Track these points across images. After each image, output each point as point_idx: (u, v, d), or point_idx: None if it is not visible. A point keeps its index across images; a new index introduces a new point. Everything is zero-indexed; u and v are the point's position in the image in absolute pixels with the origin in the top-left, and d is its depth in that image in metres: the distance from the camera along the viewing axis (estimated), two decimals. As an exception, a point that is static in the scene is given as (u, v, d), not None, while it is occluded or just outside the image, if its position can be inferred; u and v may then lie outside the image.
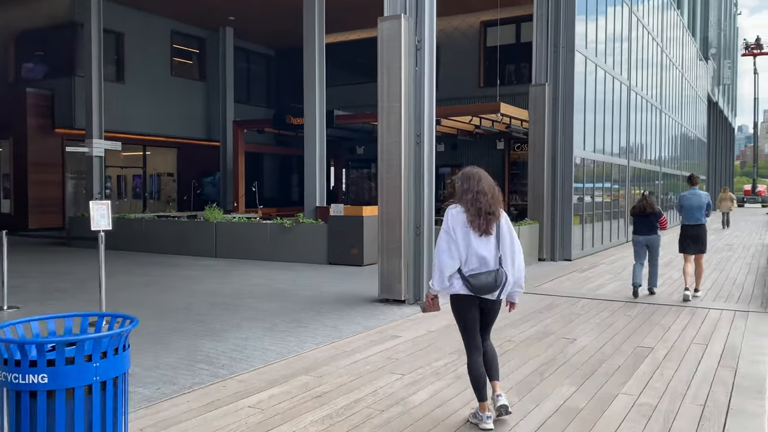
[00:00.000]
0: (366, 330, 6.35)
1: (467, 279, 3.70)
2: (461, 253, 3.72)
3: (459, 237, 3.73)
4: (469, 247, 3.72)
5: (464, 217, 3.76)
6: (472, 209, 3.75)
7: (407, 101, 7.62)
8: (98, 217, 6.34)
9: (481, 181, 3.83)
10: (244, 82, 25.85)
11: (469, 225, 3.74)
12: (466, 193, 3.80)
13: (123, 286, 9.08)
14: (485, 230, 3.74)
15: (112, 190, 24.58)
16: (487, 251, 3.73)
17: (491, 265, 3.73)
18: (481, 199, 3.75)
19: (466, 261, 3.72)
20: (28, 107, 19.80)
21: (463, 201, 3.80)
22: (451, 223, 3.77)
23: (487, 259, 3.73)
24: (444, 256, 3.73)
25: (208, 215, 13.32)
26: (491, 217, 3.76)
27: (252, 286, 9.17)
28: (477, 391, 3.80)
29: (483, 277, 3.70)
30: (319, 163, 14.89)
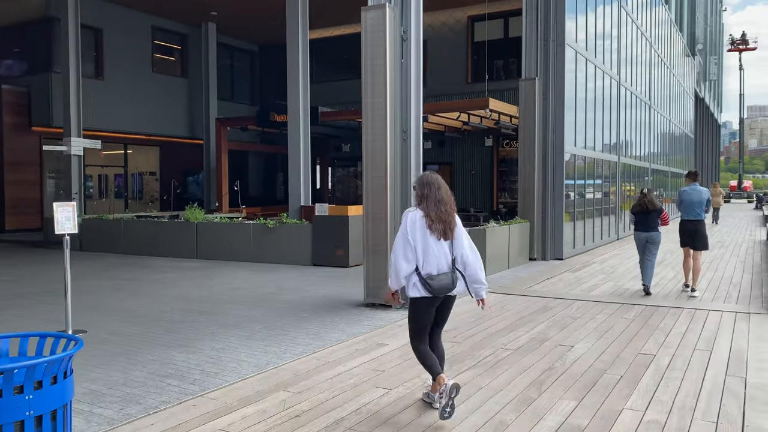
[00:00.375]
0: (350, 338, 5.97)
1: (426, 281, 3.87)
2: (419, 256, 3.89)
3: (418, 241, 3.89)
4: (428, 251, 3.89)
5: (424, 221, 3.91)
6: (433, 215, 3.91)
7: (393, 95, 7.24)
8: (63, 220, 5.92)
9: (441, 189, 3.98)
10: (228, 79, 25.33)
11: (428, 229, 3.89)
12: (426, 199, 3.95)
13: (92, 290, 8.62)
14: (444, 235, 3.92)
15: (94, 190, 24.06)
16: (444, 255, 3.93)
17: (446, 268, 3.92)
18: (441, 207, 3.93)
19: (425, 264, 3.89)
20: (4, 104, 19.20)
21: (422, 206, 3.95)
22: (410, 227, 3.91)
23: (444, 262, 3.92)
24: (400, 259, 3.90)
25: (189, 215, 12.87)
26: (449, 224, 3.94)
27: (232, 289, 8.76)
28: (429, 367, 3.99)
29: (441, 279, 3.88)
30: (304, 161, 14.47)
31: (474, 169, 20.22)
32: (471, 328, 6.38)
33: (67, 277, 6.07)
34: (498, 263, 10.54)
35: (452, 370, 4.96)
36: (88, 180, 23.86)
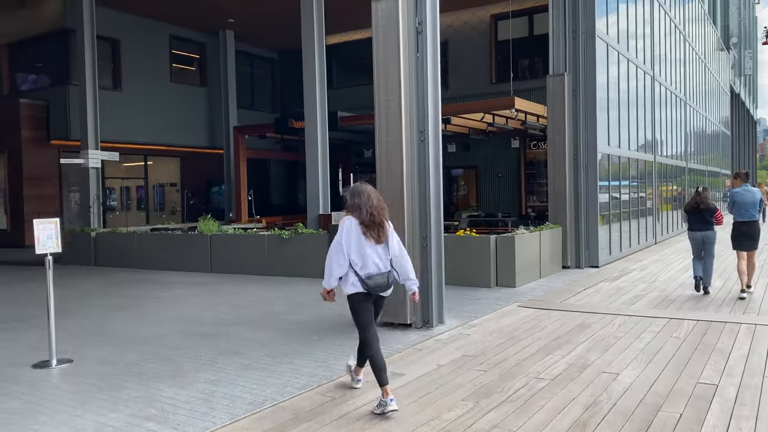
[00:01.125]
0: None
1: (364, 281, 4.24)
2: (357, 260, 4.23)
3: (353, 245, 4.23)
4: (365, 254, 4.24)
5: (360, 228, 4.23)
6: (367, 221, 4.24)
7: (408, 93, 6.56)
8: (44, 239, 5.37)
9: (371, 197, 4.29)
10: (248, 87, 24.98)
11: (363, 236, 4.23)
12: (359, 208, 4.25)
13: (93, 310, 8.10)
14: (378, 239, 4.27)
15: (116, 202, 23.87)
16: (379, 257, 4.29)
17: (383, 269, 4.30)
18: (374, 213, 4.25)
19: (363, 266, 4.25)
20: (22, 119, 19.03)
21: (356, 214, 4.26)
22: (345, 235, 4.24)
23: (379, 264, 4.29)
24: (333, 263, 4.28)
25: (202, 227, 12.34)
26: (382, 229, 4.28)
27: (239, 308, 8.15)
28: (379, 375, 4.19)
29: (377, 278, 4.26)
30: (322, 167, 13.88)
31: (500, 173, 19.41)
32: (500, 352, 5.65)
33: (50, 302, 5.51)
34: (528, 273, 9.76)
35: (479, 406, 4.24)
36: (110, 192, 23.75)
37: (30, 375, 5.12)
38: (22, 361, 5.57)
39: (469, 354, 5.58)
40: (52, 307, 5.49)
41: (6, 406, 4.39)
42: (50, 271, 5.44)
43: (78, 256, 14.19)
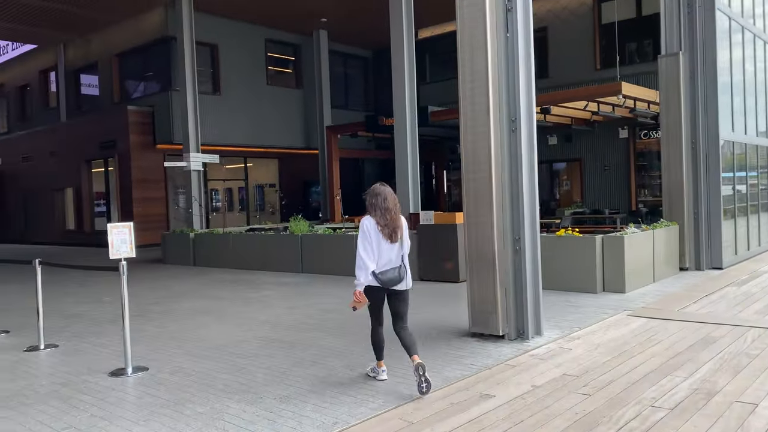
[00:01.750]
0: (447, 384, 4.73)
1: (377, 276, 4.55)
2: (375, 254, 4.56)
3: (373, 241, 4.56)
4: (381, 251, 4.59)
5: (377, 227, 4.57)
6: (382, 222, 4.57)
7: (496, 78, 5.91)
8: (118, 243, 5.23)
9: (387, 199, 4.61)
10: (342, 87, 24.99)
11: (380, 234, 4.56)
12: (375, 208, 4.59)
13: (181, 313, 8.06)
14: (391, 238, 4.58)
15: (221, 203, 24.67)
16: (393, 253, 4.62)
17: (395, 263, 4.61)
18: (387, 216, 4.58)
19: (378, 261, 4.57)
20: (130, 125, 20.00)
21: (373, 214, 4.60)
22: (367, 230, 4.58)
23: (392, 259, 4.61)
24: (365, 256, 4.56)
25: (293, 228, 12.24)
26: (396, 228, 4.60)
27: (324, 312, 7.82)
28: (377, 352, 4.82)
29: (389, 273, 4.57)
30: (412, 165, 13.42)
31: (607, 165, 18.06)
32: (606, 372, 4.89)
33: (125, 309, 5.38)
34: (640, 276, 8.75)
35: (580, 442, 3.57)
36: (215, 194, 24.58)
37: (104, 384, 5.00)
38: (104, 367, 5.49)
39: (570, 373, 4.87)
40: (126, 315, 5.36)
41: (71, 420, 4.23)
42: (124, 276, 5.30)
43: (178, 257, 14.59)
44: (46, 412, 4.36)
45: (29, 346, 6.36)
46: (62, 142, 22.89)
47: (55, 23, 21.40)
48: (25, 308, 8.80)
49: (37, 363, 5.77)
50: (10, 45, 26.61)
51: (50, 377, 5.25)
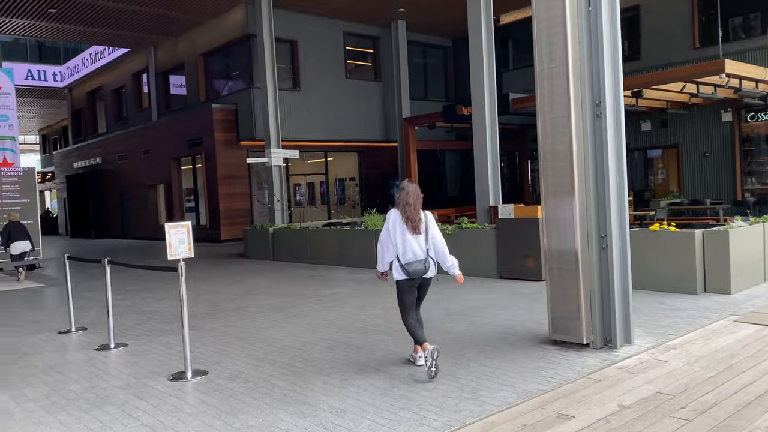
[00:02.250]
0: (521, 400, 4.24)
1: (404, 267, 4.88)
2: (399, 247, 4.89)
3: (398, 234, 4.90)
4: (405, 243, 4.89)
5: (402, 219, 4.91)
6: (403, 215, 4.93)
7: (577, 57, 5.30)
8: (176, 243, 5.08)
9: (409, 195, 4.96)
10: (421, 78, 24.55)
11: (404, 225, 4.90)
12: (399, 202, 4.97)
13: (251, 312, 7.94)
14: (414, 230, 4.92)
15: (303, 198, 24.94)
16: (418, 245, 4.93)
17: (421, 256, 4.93)
18: (408, 210, 4.93)
19: (404, 253, 4.89)
20: (215, 123, 20.48)
21: (399, 208, 4.96)
22: (392, 224, 4.94)
23: (417, 251, 4.92)
24: (384, 249, 5.01)
25: (368, 222, 11.98)
26: (417, 222, 4.93)
27: (394, 311, 7.46)
28: (415, 336, 4.98)
29: (415, 265, 4.89)
30: (491, 155, 12.80)
31: (708, 152, 16.61)
32: (710, 391, 4.23)
33: (184, 311, 5.24)
34: (748, 275, 7.80)
35: (676, 482, 3.00)
36: (298, 188, 24.87)
37: (161, 389, 4.87)
38: (166, 370, 5.39)
39: (665, 391, 4.25)
40: (185, 317, 5.21)
41: (120, 430, 4.09)
42: (182, 277, 5.15)
43: (258, 251, 14.73)
44: (99, 419, 4.26)
45: (100, 345, 6.41)
46: (154, 141, 23.85)
47: (147, 27, 22.28)
48: (107, 304, 9.04)
49: (104, 363, 5.77)
50: (106, 50, 28.03)
51: (112, 379, 5.20)
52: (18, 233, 13.06)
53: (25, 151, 54.62)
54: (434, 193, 23.46)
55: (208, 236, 21.18)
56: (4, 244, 12.87)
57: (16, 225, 13.24)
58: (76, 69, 31.35)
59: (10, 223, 13.26)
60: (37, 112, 39.43)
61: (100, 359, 5.93)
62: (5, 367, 5.80)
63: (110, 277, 6.49)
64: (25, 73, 31.55)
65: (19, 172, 15.83)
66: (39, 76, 32.14)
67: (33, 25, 21.70)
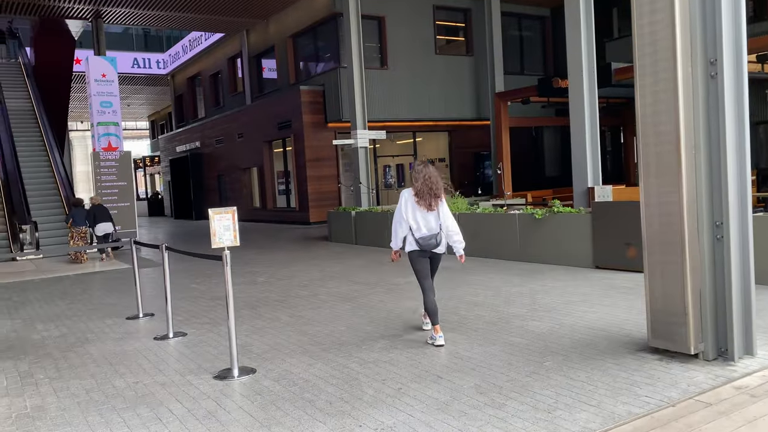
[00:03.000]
0: (607, 427, 3.45)
1: (418, 241, 5.29)
2: (413, 223, 5.28)
3: (410, 212, 5.29)
4: (418, 219, 5.29)
5: (413, 198, 5.27)
6: (419, 194, 5.25)
7: (686, 6, 4.32)
8: (221, 230, 4.67)
9: (427, 175, 5.26)
10: (516, 51, 23.26)
11: (417, 204, 5.26)
12: (417, 181, 5.27)
13: (320, 301, 7.50)
14: (429, 207, 5.26)
15: (393, 180, 24.53)
16: (432, 221, 5.29)
17: (434, 230, 5.29)
18: (425, 189, 5.23)
19: (418, 228, 5.29)
20: (303, 105, 20.37)
21: (414, 187, 5.29)
22: (404, 202, 5.33)
23: (432, 226, 5.29)
24: (397, 227, 5.41)
25: (451, 207, 11.24)
26: (433, 199, 5.26)
27: (470, 305, 6.77)
28: (433, 317, 5.34)
29: (428, 239, 5.27)
30: (590, 131, 11.65)
31: None
32: None
33: (230, 305, 4.82)
34: None
35: None
36: (387, 170, 24.47)
37: (202, 389, 4.50)
38: (214, 366, 5.03)
39: (798, 426, 3.32)
40: (231, 311, 4.80)
41: (150, 433, 3.73)
42: (227, 267, 4.74)
43: (341, 235, 14.41)
44: (128, 422, 3.92)
45: (160, 335, 6.19)
46: (247, 125, 24.20)
47: (238, 10, 22.50)
48: (187, 289, 8.95)
49: (156, 355, 5.51)
50: (203, 36, 28.76)
51: (158, 374, 4.90)
52: (101, 215, 13.63)
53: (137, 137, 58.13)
54: (529, 173, 22.25)
55: (298, 219, 21.25)
56: (91, 226, 13.30)
57: (99, 207, 13.83)
58: (176, 56, 32.50)
59: (93, 206, 13.86)
60: (145, 99, 41.52)
61: (155, 350, 5.69)
62: (64, 354, 5.69)
63: (172, 263, 6.23)
64: (131, 62, 33.12)
65: (116, 156, 16.39)
66: (144, 63, 33.62)
67: (135, 13, 22.50)
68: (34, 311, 7.98)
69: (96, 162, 16.08)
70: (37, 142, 19.90)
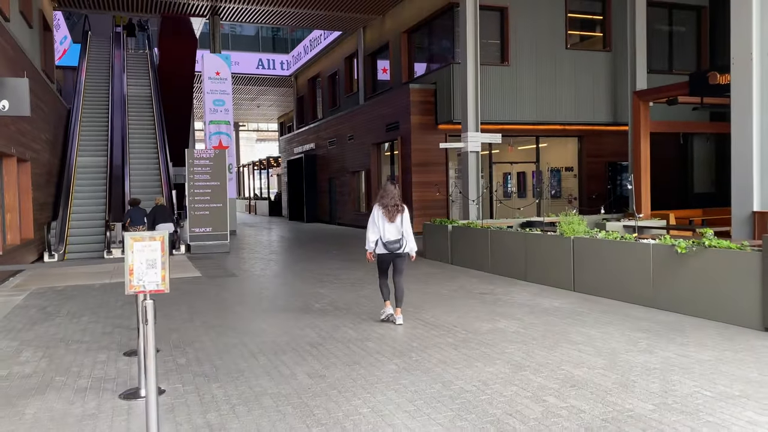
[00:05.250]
0: None
1: (385, 245, 6.69)
2: (382, 232, 6.70)
3: (380, 222, 6.71)
4: (385, 228, 6.70)
5: (381, 211, 6.73)
6: (383, 208, 6.73)
7: None
8: (142, 267, 3.04)
9: (388, 195, 6.77)
10: (663, 46, 19.99)
11: (384, 216, 6.71)
12: (381, 199, 6.79)
13: (367, 350, 5.65)
14: (391, 220, 6.69)
15: (512, 189, 22.21)
16: (396, 229, 6.71)
17: (396, 236, 6.70)
18: (386, 204, 6.72)
19: (385, 235, 6.69)
20: (412, 104, 18.69)
21: (381, 203, 6.77)
22: (376, 214, 6.75)
23: (395, 233, 6.70)
24: (370, 233, 6.79)
25: (564, 227, 8.92)
26: (395, 212, 6.71)
27: (563, 384, 4.58)
28: (384, 295, 6.95)
29: (392, 243, 6.68)
30: (760, 139, 8.81)
31: None
32: None
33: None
34: None
35: None
36: (507, 178, 22.16)
37: None
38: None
39: None
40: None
41: None
42: (149, 326, 3.03)
43: (436, 252, 12.51)
44: None
45: (127, 391, 4.68)
46: (358, 126, 22.99)
47: (356, 4, 21.35)
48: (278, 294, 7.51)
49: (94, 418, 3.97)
50: (323, 36, 28.06)
51: None
52: (162, 216, 13.45)
53: (269, 138, 59.78)
54: (673, 189, 18.93)
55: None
56: (150, 227, 13.04)
57: (161, 208, 13.64)
58: (298, 56, 32.23)
59: (156, 206, 13.66)
60: (273, 101, 42.07)
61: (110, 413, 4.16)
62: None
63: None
64: (256, 62, 33.34)
65: (211, 155, 15.64)
66: (268, 65, 33.74)
67: (251, 9, 22.09)
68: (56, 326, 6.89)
69: (190, 161, 15.41)
70: (150, 139, 19.91)
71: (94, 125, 19.44)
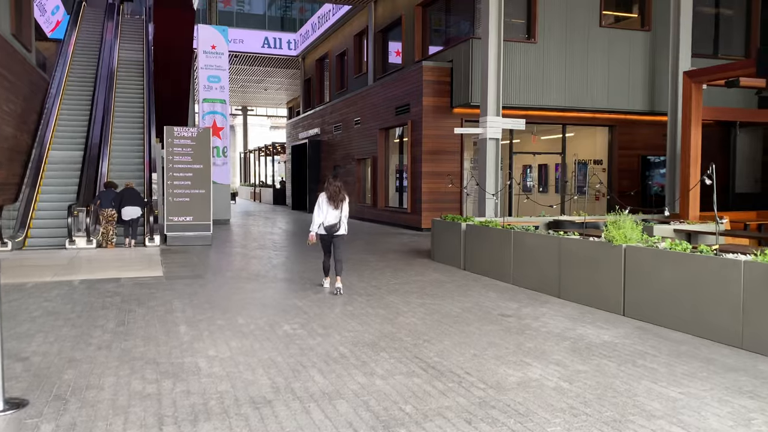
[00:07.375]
0: None
1: (326, 227, 7.83)
2: (324, 216, 7.82)
3: (324, 207, 7.83)
4: (328, 213, 7.82)
5: (326, 199, 7.83)
6: (328, 197, 7.83)
7: None
8: None
9: (331, 185, 7.88)
10: (708, 28, 17.79)
11: (327, 202, 7.82)
12: (327, 190, 7.86)
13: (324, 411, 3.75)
14: (335, 205, 7.82)
15: (533, 183, 20.19)
16: (336, 215, 7.84)
17: (335, 221, 7.83)
18: (329, 195, 7.83)
19: (326, 219, 7.81)
20: (425, 85, 16.65)
21: (325, 192, 7.88)
22: (321, 201, 7.84)
23: (335, 218, 7.84)
24: (316, 217, 7.83)
25: (613, 233, 6.89)
26: (338, 201, 7.83)
27: None
28: (325, 272, 8.25)
29: (332, 226, 7.82)
30: None
31: None
32: None
33: None
34: None
35: None
36: (528, 171, 20.12)
37: None
38: None
39: None
40: None
41: None
42: None
43: (447, 253, 10.53)
44: None
45: None
46: (365, 110, 21.01)
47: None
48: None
49: None
50: (331, 11, 26.04)
51: None
52: (129, 199, 12.53)
53: (278, 125, 57.87)
54: (714, 187, 16.82)
55: (409, 222, 17.64)
56: (116, 209, 12.42)
57: (129, 191, 12.71)
58: (306, 35, 30.23)
59: (125, 189, 12.68)
60: (280, 84, 40.10)
61: None
62: None
63: None
64: (262, 41, 31.37)
65: (193, 134, 13.73)
66: (275, 43, 31.77)
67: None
68: None
69: (169, 140, 13.50)
70: (137, 117, 18.06)
71: (76, 100, 17.67)
